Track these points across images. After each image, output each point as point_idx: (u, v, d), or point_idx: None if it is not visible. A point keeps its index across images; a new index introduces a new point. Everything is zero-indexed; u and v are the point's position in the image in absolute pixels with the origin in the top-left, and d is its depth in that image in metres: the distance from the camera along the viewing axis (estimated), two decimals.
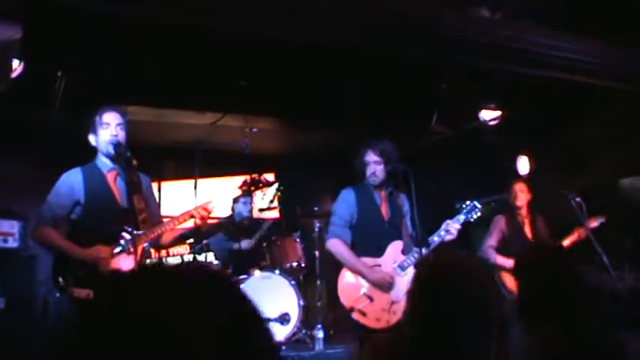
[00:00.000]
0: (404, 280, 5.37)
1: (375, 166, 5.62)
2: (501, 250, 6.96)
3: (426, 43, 6.12)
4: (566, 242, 6.99)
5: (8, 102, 6.07)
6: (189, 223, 5.08)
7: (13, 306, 5.91)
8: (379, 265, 5.49)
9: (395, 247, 5.57)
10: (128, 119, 4.81)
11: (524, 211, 7.12)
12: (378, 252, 5.54)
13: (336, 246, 5.58)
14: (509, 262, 6.83)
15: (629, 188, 8.16)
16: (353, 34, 5.89)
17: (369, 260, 5.50)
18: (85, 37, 5.69)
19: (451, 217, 5.67)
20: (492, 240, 7.00)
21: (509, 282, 6.82)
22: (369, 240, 5.57)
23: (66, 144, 6.51)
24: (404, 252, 5.57)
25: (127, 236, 4.50)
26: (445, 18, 5.95)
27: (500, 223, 7.08)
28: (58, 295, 4.52)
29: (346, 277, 5.50)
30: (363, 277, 5.42)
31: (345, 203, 5.70)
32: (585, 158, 8.26)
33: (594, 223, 6.90)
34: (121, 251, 4.51)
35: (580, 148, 8.32)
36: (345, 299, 5.40)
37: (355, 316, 5.31)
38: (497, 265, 6.84)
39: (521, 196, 7.08)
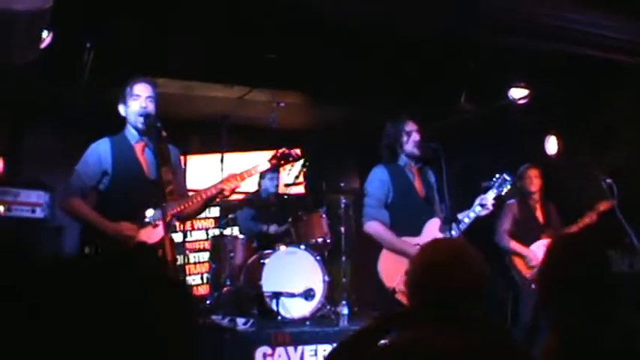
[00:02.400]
0: None
1: (416, 135, 5.53)
2: (513, 234, 6.93)
3: (457, 19, 6.05)
4: (579, 227, 6.94)
5: (37, 73, 6.09)
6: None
7: None
8: (418, 245, 5.30)
9: (433, 225, 5.45)
10: (158, 92, 4.79)
11: (536, 196, 7.07)
12: (416, 230, 5.39)
13: (375, 228, 5.40)
14: (522, 248, 6.81)
15: None
16: (382, 10, 5.83)
17: (409, 240, 5.32)
18: (114, 8, 5.68)
19: (478, 195, 5.60)
20: (506, 224, 6.97)
21: (521, 266, 6.80)
22: (406, 218, 5.41)
23: (94, 115, 6.54)
24: (441, 230, 5.47)
25: (153, 208, 4.50)
26: None
27: (512, 207, 7.06)
28: None
29: (387, 258, 5.32)
30: (408, 256, 5.04)
31: (379, 182, 5.53)
32: (614, 138, 8.15)
33: (604, 207, 6.85)
34: (147, 223, 4.51)
35: (609, 128, 8.21)
36: (388, 280, 5.20)
37: (399, 297, 5.17)
38: (510, 250, 6.84)
39: (536, 181, 7.04)
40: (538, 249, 6.76)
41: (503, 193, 5.68)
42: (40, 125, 8.24)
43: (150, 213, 4.53)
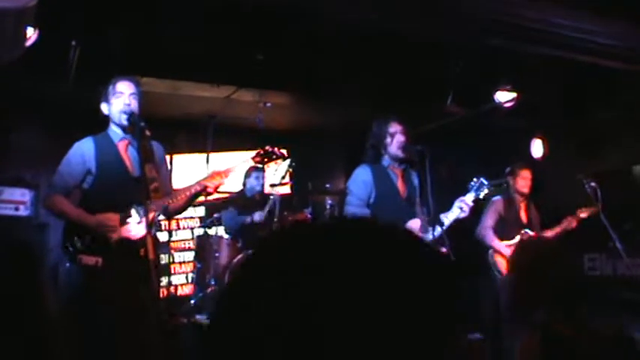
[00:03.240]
0: None
1: (400, 136, 5.54)
2: (496, 231, 6.95)
3: (444, 22, 6.06)
4: (556, 230, 6.98)
5: (22, 70, 6.06)
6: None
7: None
8: None
9: (413, 225, 5.48)
10: (142, 89, 4.77)
11: (523, 197, 7.10)
12: None
13: None
14: (503, 246, 6.83)
15: None
16: (370, 12, 5.83)
17: None
18: (100, 6, 5.67)
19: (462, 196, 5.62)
20: (490, 221, 6.99)
21: (502, 265, 6.82)
22: (387, 218, 5.41)
23: (78, 114, 6.51)
24: (422, 230, 5.49)
25: (137, 205, 4.49)
26: None
27: (497, 204, 7.07)
28: (67, 263, 4.52)
29: None
30: None
31: (362, 181, 5.57)
32: (600, 143, 8.20)
33: (584, 214, 6.89)
34: (130, 219, 4.50)
35: (595, 132, 8.26)
36: None
37: None
38: (492, 248, 6.85)
39: (527, 182, 7.07)
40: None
41: (481, 197, 5.70)
42: (25, 123, 8.20)
43: (133, 210, 4.52)
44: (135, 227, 4.50)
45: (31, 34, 5.38)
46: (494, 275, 6.90)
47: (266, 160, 4.93)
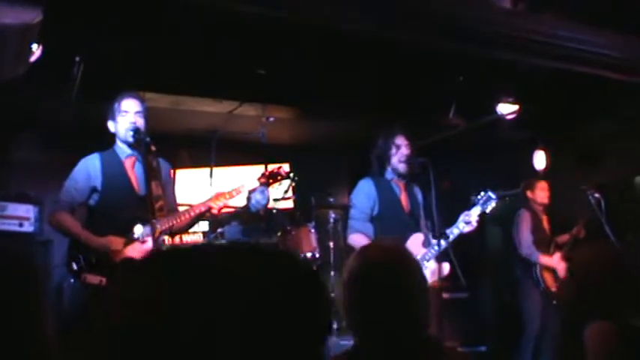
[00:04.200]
0: (426, 273, 5.32)
1: (406, 149, 5.55)
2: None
3: (446, 34, 6.07)
4: (564, 238, 7.00)
5: (25, 86, 6.07)
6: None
7: None
8: None
9: (416, 240, 5.48)
10: (147, 106, 4.79)
11: (542, 208, 7.11)
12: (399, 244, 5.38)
13: (359, 241, 5.42)
14: (550, 260, 6.84)
15: None
16: (371, 25, 5.84)
17: None
18: (103, 22, 5.68)
19: (466, 210, 5.62)
20: (529, 237, 6.99)
21: (549, 280, 6.82)
22: (390, 232, 5.42)
23: (83, 130, 6.52)
24: (424, 244, 5.50)
25: (142, 225, 4.49)
26: (466, 9, 5.89)
27: (526, 217, 7.07)
28: (72, 280, 4.52)
29: None
30: None
31: (365, 195, 5.59)
32: (602, 154, 8.21)
33: (582, 232, 6.93)
34: (135, 239, 4.50)
35: (597, 143, 8.27)
36: None
37: None
38: (539, 264, 6.86)
39: (547, 193, 7.09)
40: (559, 261, 6.83)
41: (487, 211, 5.69)
42: (29, 139, 8.21)
43: (138, 229, 4.52)
44: (140, 246, 4.50)
45: (35, 50, 5.40)
46: (545, 290, 6.87)
47: (271, 181, 4.95)
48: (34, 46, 5.30)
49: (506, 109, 8.02)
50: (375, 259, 2.43)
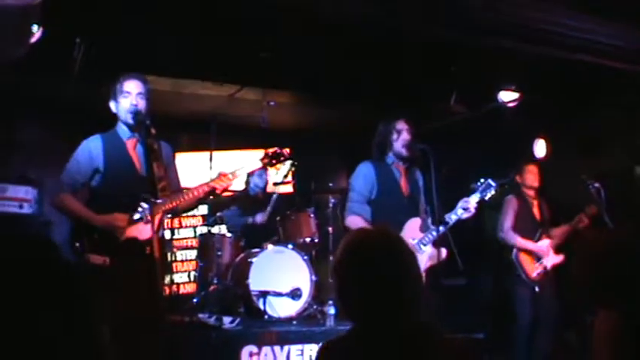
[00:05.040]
0: (423, 258, 5.33)
1: (406, 134, 5.55)
2: (515, 230, 6.95)
3: (448, 21, 6.06)
4: (565, 228, 7.00)
5: (26, 68, 6.06)
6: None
7: None
8: None
9: (413, 224, 5.50)
10: (149, 87, 4.78)
11: (533, 192, 7.10)
12: (397, 228, 5.33)
13: (356, 223, 5.45)
14: (531, 244, 6.83)
15: None
16: (374, 11, 5.83)
17: None
18: (105, 4, 5.67)
19: (466, 196, 5.62)
20: (509, 222, 6.99)
21: (527, 263, 6.82)
22: (388, 216, 5.43)
23: (83, 111, 6.53)
24: (422, 229, 5.51)
25: (145, 204, 4.49)
26: None
27: (513, 203, 7.07)
28: (74, 261, 4.52)
29: None
30: None
31: (364, 178, 5.60)
32: (602, 143, 8.20)
33: (593, 211, 6.91)
34: (138, 219, 4.50)
35: (597, 133, 8.26)
36: None
37: None
38: (516, 246, 6.85)
39: (536, 177, 7.07)
40: (544, 247, 6.83)
41: (486, 198, 5.70)
42: (30, 121, 8.21)
43: (142, 209, 4.52)
44: (143, 227, 4.50)
45: (36, 31, 5.38)
46: (519, 276, 6.87)
47: (274, 161, 4.94)
48: (35, 28, 5.28)
49: (508, 97, 8.02)
50: (361, 243, 2.42)
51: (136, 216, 4.49)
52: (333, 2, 5.73)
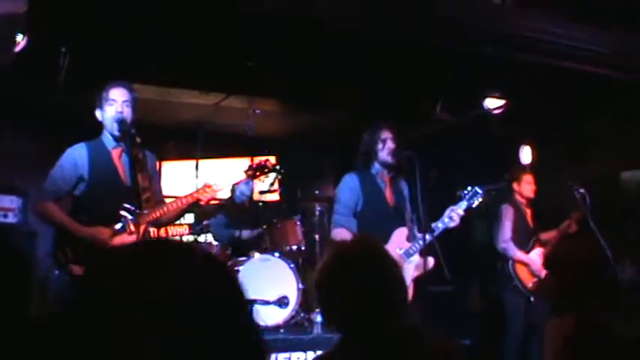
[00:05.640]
0: (410, 268, 5.32)
1: (391, 143, 5.54)
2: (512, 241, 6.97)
3: (433, 28, 6.08)
4: (552, 234, 7.01)
5: (11, 77, 6.04)
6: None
7: None
8: None
9: (400, 234, 5.49)
10: (135, 96, 4.76)
11: (525, 201, 7.12)
12: (384, 239, 5.30)
13: (342, 235, 5.35)
14: (526, 257, 6.84)
15: (630, 181, 8.13)
16: (358, 18, 5.84)
17: None
18: (89, 12, 5.65)
19: (453, 204, 5.62)
20: (508, 232, 6.97)
21: (523, 274, 6.82)
22: (374, 226, 5.39)
23: (68, 120, 6.50)
24: (408, 239, 5.50)
25: (129, 215, 4.48)
26: (455, 4, 5.90)
27: (509, 213, 7.06)
28: (57, 272, 4.50)
29: None
30: None
31: (349, 189, 5.57)
32: (588, 150, 8.23)
33: (574, 227, 6.94)
34: (121, 229, 4.48)
35: (583, 139, 8.29)
36: None
37: None
38: (515, 260, 6.86)
39: (532, 187, 7.09)
40: (537, 257, 6.83)
41: (474, 206, 5.69)
42: (14, 129, 8.16)
43: (125, 220, 4.51)
44: (127, 237, 4.48)
45: (21, 40, 5.36)
46: (513, 285, 6.87)
47: (258, 173, 4.94)
48: (19, 36, 5.26)
49: (493, 104, 8.04)
50: (341, 255, 2.43)
51: (118, 226, 4.47)
52: (319, 10, 5.73)
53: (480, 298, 8.45)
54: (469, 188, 5.69)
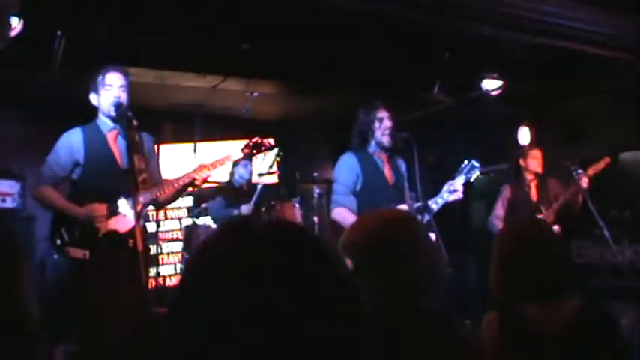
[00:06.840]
0: None
1: (388, 122, 5.52)
2: (509, 217, 6.94)
3: (430, 8, 6.05)
4: (562, 200, 6.97)
5: (7, 61, 6.01)
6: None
7: None
8: None
9: None
10: (131, 80, 4.76)
11: (533, 176, 7.08)
12: None
13: (343, 215, 5.38)
14: None
15: (629, 163, 8.13)
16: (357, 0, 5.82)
17: None
18: None
19: (451, 180, 5.59)
20: (500, 211, 7.02)
21: None
22: (374, 205, 5.30)
23: (65, 104, 6.48)
24: None
25: (125, 197, 4.49)
26: None
27: (505, 192, 7.09)
28: (55, 256, 4.52)
29: None
30: None
31: (348, 169, 5.54)
32: (586, 131, 8.23)
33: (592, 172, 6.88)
34: (117, 210, 4.49)
35: (581, 120, 8.28)
36: None
37: None
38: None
39: (539, 162, 7.06)
40: None
41: (471, 180, 5.67)
42: (11, 114, 8.16)
43: (122, 202, 4.52)
44: (123, 219, 4.49)
45: (16, 24, 5.33)
46: None
47: (255, 151, 4.93)
48: (15, 21, 5.23)
49: (491, 84, 8.02)
50: (374, 228, 2.41)
51: (117, 209, 4.48)
52: None
53: (479, 279, 8.47)
54: (466, 162, 5.67)
